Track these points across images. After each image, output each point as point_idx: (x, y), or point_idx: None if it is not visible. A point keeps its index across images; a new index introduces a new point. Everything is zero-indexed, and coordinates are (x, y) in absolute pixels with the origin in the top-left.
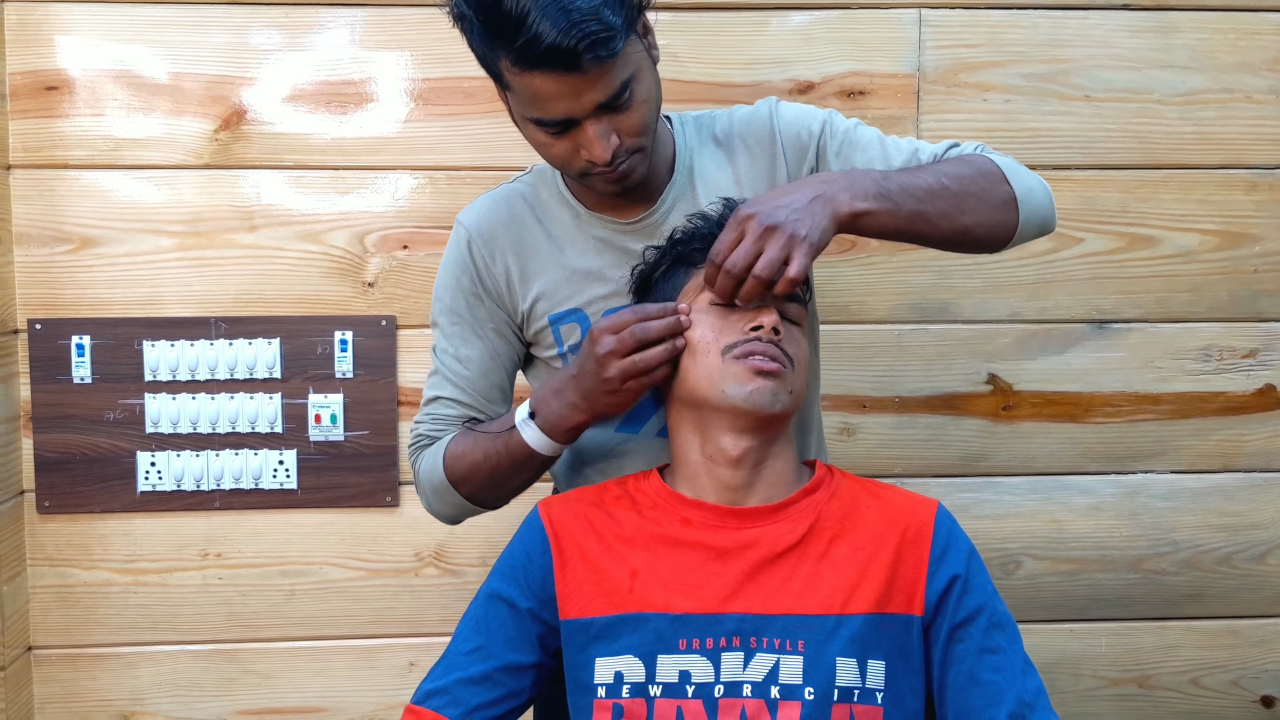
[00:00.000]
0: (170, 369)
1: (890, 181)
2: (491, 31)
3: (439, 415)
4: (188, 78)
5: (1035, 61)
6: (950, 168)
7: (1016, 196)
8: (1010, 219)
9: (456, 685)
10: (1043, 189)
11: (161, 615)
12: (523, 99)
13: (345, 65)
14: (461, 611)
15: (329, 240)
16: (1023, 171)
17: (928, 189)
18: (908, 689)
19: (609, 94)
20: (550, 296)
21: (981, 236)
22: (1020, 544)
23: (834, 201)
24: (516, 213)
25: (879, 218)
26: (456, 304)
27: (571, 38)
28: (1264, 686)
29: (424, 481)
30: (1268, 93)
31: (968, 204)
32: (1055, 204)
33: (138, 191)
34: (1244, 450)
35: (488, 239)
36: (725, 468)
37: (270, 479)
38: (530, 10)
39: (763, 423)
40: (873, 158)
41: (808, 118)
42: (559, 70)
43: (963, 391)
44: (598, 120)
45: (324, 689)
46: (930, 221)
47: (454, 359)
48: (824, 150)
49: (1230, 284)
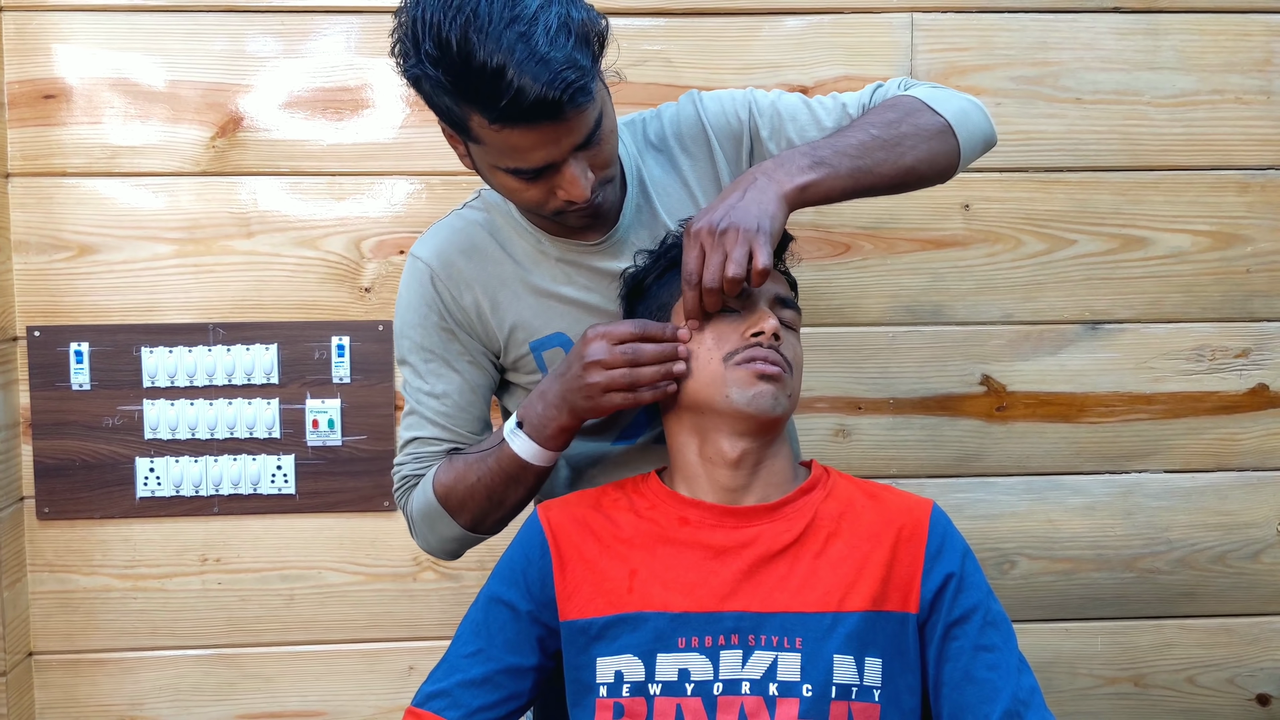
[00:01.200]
0: (169, 375)
1: (821, 149)
2: (465, 91)
3: (421, 454)
4: (184, 85)
5: (1025, 64)
6: (876, 116)
7: (950, 123)
8: (949, 146)
9: (457, 688)
10: (975, 108)
11: (161, 620)
12: (496, 151)
13: (341, 72)
14: (460, 615)
15: (326, 246)
16: (951, 96)
17: (860, 144)
18: (904, 686)
19: (585, 135)
20: (527, 325)
21: (925, 172)
22: (1015, 544)
23: (775, 184)
24: (476, 242)
25: (823, 184)
26: (428, 340)
27: (555, 89)
28: (1260, 684)
29: (418, 519)
30: (1257, 94)
31: (904, 146)
32: (992, 119)
33: (135, 199)
34: (1237, 449)
35: (450, 271)
36: (723, 469)
37: (269, 484)
38: (507, 65)
39: (764, 426)
40: (804, 124)
41: (732, 104)
42: (542, 123)
43: (957, 393)
44: (575, 160)
45: (324, 693)
46: (872, 173)
47: (430, 396)
48: (756, 132)
49: (1222, 285)
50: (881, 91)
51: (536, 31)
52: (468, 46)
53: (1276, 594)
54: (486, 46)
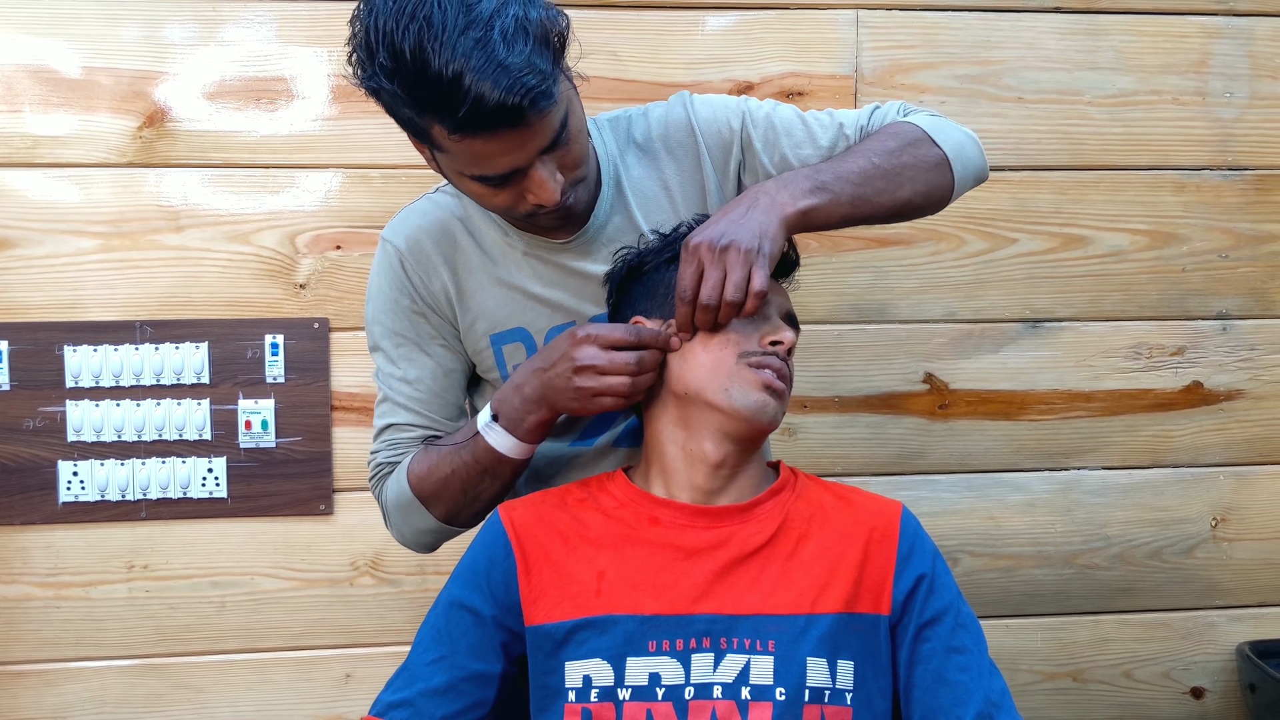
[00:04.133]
0: (93, 375)
1: (823, 174)
2: (423, 102)
3: (396, 440)
4: (107, 73)
5: (968, 63)
6: (877, 144)
7: (947, 156)
8: (945, 180)
9: (420, 697)
10: (971, 142)
11: (86, 630)
12: (460, 159)
13: (275, 61)
14: (399, 621)
15: (259, 241)
16: (948, 128)
17: (861, 172)
18: (876, 689)
19: (551, 138)
20: (490, 316)
21: (921, 204)
22: (957, 541)
23: (778, 206)
24: (446, 226)
25: (823, 210)
26: (399, 324)
27: (515, 95)
28: (1193, 678)
29: (392, 509)
30: (1193, 94)
31: (903, 176)
32: (984, 152)
33: (57, 191)
34: (1172, 446)
35: (419, 256)
36: (703, 468)
37: (199, 488)
38: (464, 72)
39: (754, 434)
40: (799, 140)
41: (725, 112)
42: (503, 130)
43: (900, 391)
44: (542, 163)
45: (258, 703)
46: (871, 202)
47: (403, 382)
48: (749, 143)
49: (1159, 283)
50: (880, 115)
51: (493, 36)
52: (422, 56)
53: (1210, 589)
54: (442, 55)
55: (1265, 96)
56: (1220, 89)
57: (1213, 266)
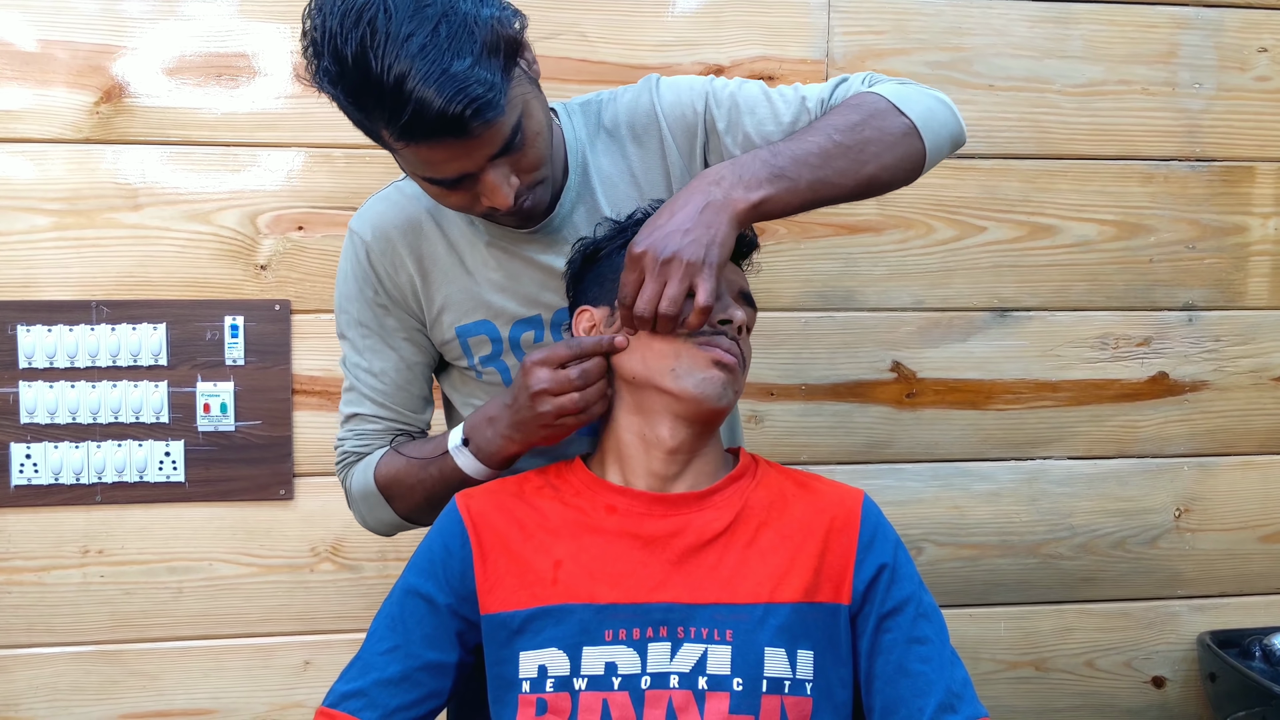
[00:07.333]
0: (47, 355)
1: (780, 157)
2: (365, 109)
3: (362, 430)
4: (63, 46)
5: (939, 49)
6: (838, 118)
7: (916, 124)
8: (915, 149)
9: (374, 687)
10: (942, 105)
11: (38, 616)
12: (410, 163)
13: (236, 36)
14: (358, 608)
15: (219, 220)
16: (916, 94)
17: (821, 151)
18: (836, 679)
19: (501, 145)
20: (456, 307)
21: (889, 179)
22: (922, 530)
23: (728, 202)
24: (412, 216)
25: (780, 199)
26: (364, 316)
27: (456, 103)
28: (1155, 667)
29: (357, 498)
30: (1161, 85)
31: (867, 152)
32: (959, 114)
33: (10, 167)
34: (1137, 436)
35: (385, 247)
36: (659, 454)
37: (156, 471)
38: (405, 78)
39: (706, 415)
40: (762, 118)
41: (689, 94)
42: (447, 138)
43: (867, 379)
44: (495, 167)
45: (214, 690)
46: (832, 184)
47: (368, 374)
48: (712, 125)
49: (1126, 274)
50: (845, 87)
51: (438, 42)
52: (365, 61)
53: (1172, 578)
54: (384, 61)
55: (1232, 88)
56: (1188, 80)
57: (1179, 258)
